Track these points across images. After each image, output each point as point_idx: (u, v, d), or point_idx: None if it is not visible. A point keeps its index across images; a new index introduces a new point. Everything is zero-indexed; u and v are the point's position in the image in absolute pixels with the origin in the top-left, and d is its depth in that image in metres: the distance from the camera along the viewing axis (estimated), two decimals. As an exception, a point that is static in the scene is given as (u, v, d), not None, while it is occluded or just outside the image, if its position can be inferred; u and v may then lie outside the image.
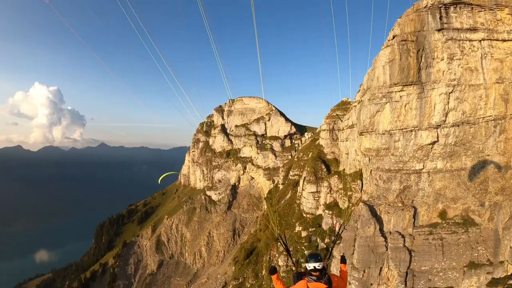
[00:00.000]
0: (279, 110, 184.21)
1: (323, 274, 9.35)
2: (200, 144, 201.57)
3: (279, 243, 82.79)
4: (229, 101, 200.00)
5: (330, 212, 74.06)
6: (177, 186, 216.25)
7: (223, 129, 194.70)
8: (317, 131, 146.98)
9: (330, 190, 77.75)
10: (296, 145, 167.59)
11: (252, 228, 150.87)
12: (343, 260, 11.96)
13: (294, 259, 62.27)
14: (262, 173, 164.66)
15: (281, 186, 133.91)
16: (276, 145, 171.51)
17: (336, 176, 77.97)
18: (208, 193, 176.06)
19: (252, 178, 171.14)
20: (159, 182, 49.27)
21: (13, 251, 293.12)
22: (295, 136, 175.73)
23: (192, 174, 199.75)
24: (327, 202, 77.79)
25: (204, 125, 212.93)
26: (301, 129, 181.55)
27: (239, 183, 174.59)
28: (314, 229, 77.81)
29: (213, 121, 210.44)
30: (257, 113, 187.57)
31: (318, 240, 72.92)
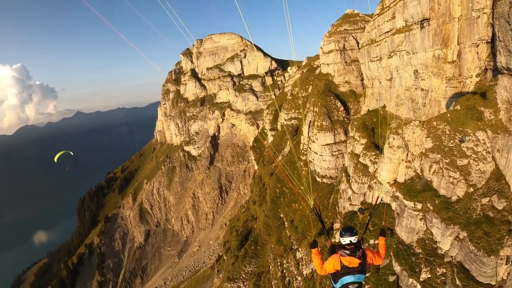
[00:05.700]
0: (255, 45, 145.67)
1: (357, 248, 7.74)
2: (171, 95, 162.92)
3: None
4: (197, 42, 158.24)
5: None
6: (154, 144, 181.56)
7: (194, 74, 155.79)
8: (303, 63, 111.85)
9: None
10: (279, 83, 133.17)
11: (240, 183, 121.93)
12: (382, 233, 8.95)
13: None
14: (244, 118, 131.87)
15: (269, 133, 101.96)
16: (256, 85, 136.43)
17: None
18: (186, 148, 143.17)
19: (233, 125, 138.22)
20: (55, 160, 41.25)
21: (13, 239, 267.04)
22: (276, 72, 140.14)
23: (167, 129, 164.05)
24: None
25: (173, 72, 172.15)
26: (282, 64, 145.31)
27: (219, 133, 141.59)
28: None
29: (181, 67, 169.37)
30: (230, 51, 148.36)
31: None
